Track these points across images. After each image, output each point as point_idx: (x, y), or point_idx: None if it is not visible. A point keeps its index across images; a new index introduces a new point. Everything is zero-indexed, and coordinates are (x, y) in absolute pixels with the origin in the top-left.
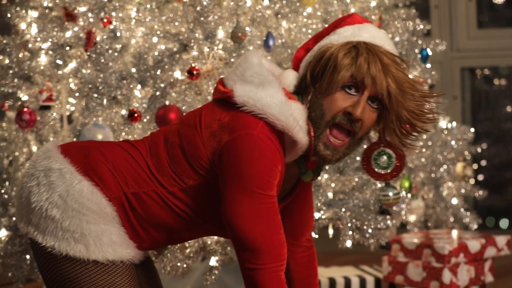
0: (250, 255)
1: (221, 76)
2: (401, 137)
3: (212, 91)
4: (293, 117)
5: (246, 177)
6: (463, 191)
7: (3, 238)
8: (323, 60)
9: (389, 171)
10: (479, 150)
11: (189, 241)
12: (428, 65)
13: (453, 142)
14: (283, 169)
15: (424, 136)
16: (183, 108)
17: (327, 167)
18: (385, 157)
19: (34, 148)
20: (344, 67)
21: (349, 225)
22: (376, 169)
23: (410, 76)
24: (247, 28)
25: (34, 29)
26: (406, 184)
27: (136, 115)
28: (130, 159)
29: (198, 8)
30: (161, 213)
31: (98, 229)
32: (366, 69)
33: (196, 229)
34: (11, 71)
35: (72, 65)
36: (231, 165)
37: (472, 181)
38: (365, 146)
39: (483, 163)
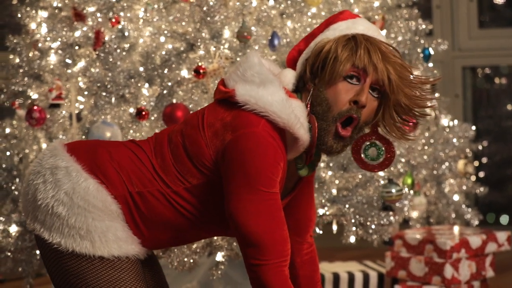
0: (254, 251)
1: (222, 77)
2: (399, 127)
3: None
4: (294, 114)
5: (249, 174)
6: (464, 188)
7: (13, 234)
8: (322, 54)
9: (378, 163)
10: (480, 147)
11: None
12: (430, 64)
13: (454, 140)
14: (285, 166)
15: (422, 132)
16: (190, 106)
17: (321, 164)
18: (375, 149)
19: (44, 146)
20: (345, 58)
21: (353, 221)
22: (365, 160)
23: (407, 64)
24: (252, 28)
25: (44, 29)
26: (409, 181)
27: (143, 113)
28: (135, 158)
29: (204, 8)
30: (165, 213)
31: (104, 226)
32: (368, 58)
33: (199, 229)
34: (21, 70)
35: (81, 64)
36: (234, 163)
37: (473, 178)
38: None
39: (484, 160)
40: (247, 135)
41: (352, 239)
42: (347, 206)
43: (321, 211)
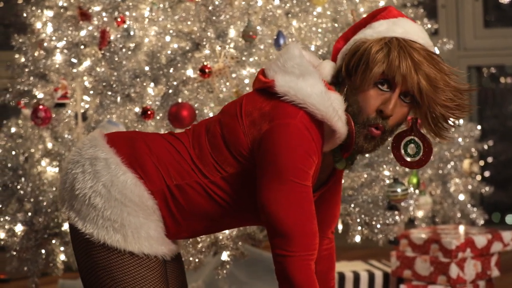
0: (282, 242)
1: (262, 67)
2: (434, 129)
3: (223, 89)
4: (333, 107)
5: (282, 165)
6: (470, 187)
7: (19, 233)
8: (357, 55)
9: (416, 159)
10: (485, 147)
11: (201, 236)
12: None
13: (460, 139)
14: (320, 160)
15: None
16: (196, 105)
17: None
18: (413, 146)
19: (50, 145)
20: (376, 64)
21: (358, 220)
22: (404, 157)
23: (445, 68)
24: (258, 27)
25: (49, 28)
26: (414, 180)
27: (149, 112)
28: (173, 151)
29: (210, 8)
30: (203, 203)
31: (138, 222)
32: (397, 67)
33: (234, 218)
34: (27, 69)
35: (87, 63)
36: (268, 153)
37: (478, 177)
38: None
39: (490, 159)
40: (283, 126)
41: (358, 238)
42: (352, 205)
43: None
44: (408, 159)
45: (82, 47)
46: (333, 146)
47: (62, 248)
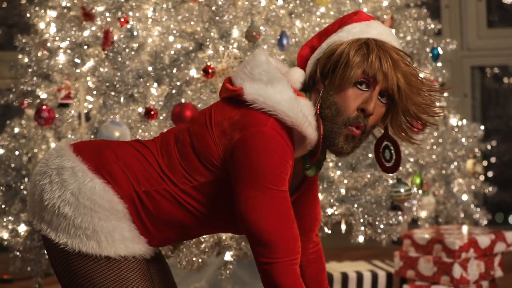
0: (264, 250)
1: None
2: (406, 130)
3: None
4: (302, 113)
5: (259, 173)
6: (473, 187)
7: (22, 233)
8: (334, 57)
9: (391, 165)
10: (489, 147)
11: (204, 236)
12: (439, 64)
13: (463, 140)
14: (293, 164)
15: (430, 131)
16: (199, 105)
17: (330, 164)
18: (387, 151)
19: (53, 145)
20: (356, 64)
21: (361, 220)
22: (383, 162)
23: (416, 70)
24: (261, 28)
25: (52, 29)
26: (417, 180)
27: (152, 112)
28: (141, 158)
29: (213, 8)
30: (173, 211)
31: (110, 226)
32: (378, 65)
33: (207, 226)
34: (30, 70)
35: (90, 63)
36: (243, 162)
37: (482, 177)
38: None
39: (493, 160)
40: (255, 134)
41: (361, 238)
42: (355, 205)
43: (329, 211)
44: (387, 164)
45: (85, 47)
46: (303, 152)
47: None
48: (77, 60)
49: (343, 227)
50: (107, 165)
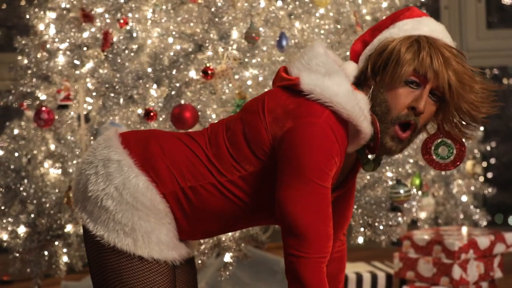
0: (295, 242)
1: (283, 65)
2: (460, 127)
3: (226, 90)
4: (359, 106)
5: (304, 165)
6: (472, 188)
7: (22, 235)
8: (385, 54)
9: (449, 160)
10: (488, 148)
11: (204, 239)
12: None
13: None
14: (341, 161)
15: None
16: (198, 107)
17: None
18: (445, 148)
19: (52, 147)
20: (407, 61)
21: (361, 222)
22: (437, 160)
23: (469, 67)
24: (260, 29)
25: (52, 30)
26: (417, 181)
27: (152, 114)
28: (188, 152)
29: (212, 9)
30: (218, 204)
31: (148, 226)
32: (429, 63)
33: (250, 218)
34: (29, 71)
35: (89, 65)
36: (291, 151)
37: (481, 178)
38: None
39: (492, 161)
40: (307, 125)
41: (360, 239)
42: (355, 206)
43: None
44: (441, 161)
45: (85, 48)
46: (357, 147)
47: (65, 250)
48: (77, 62)
49: None
50: (153, 160)
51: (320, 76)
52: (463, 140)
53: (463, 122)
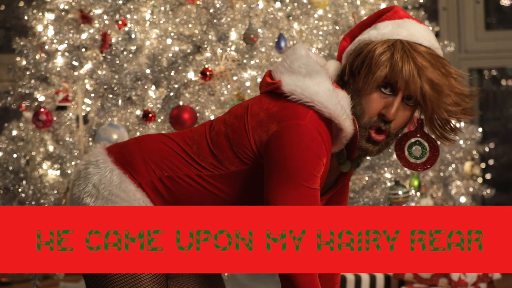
0: None
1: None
2: (439, 131)
3: (225, 92)
4: (341, 105)
5: (292, 168)
6: (471, 189)
7: None
8: (361, 57)
9: (421, 161)
10: (487, 149)
11: None
12: None
13: (461, 142)
14: (328, 162)
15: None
16: (197, 108)
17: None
18: (419, 148)
19: (51, 148)
20: (379, 67)
21: None
22: (408, 157)
23: (452, 71)
24: (259, 30)
25: (50, 31)
26: (415, 182)
27: (150, 115)
28: (165, 148)
29: (211, 11)
30: (198, 194)
31: None
32: (399, 71)
33: None
34: (28, 72)
35: (88, 66)
36: (277, 155)
37: (480, 180)
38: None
39: (491, 162)
40: (292, 127)
41: None
42: None
43: None
44: (412, 160)
45: (83, 50)
46: (340, 147)
47: None
48: (75, 63)
49: None
50: (129, 155)
51: (301, 77)
52: (439, 144)
53: (443, 127)
